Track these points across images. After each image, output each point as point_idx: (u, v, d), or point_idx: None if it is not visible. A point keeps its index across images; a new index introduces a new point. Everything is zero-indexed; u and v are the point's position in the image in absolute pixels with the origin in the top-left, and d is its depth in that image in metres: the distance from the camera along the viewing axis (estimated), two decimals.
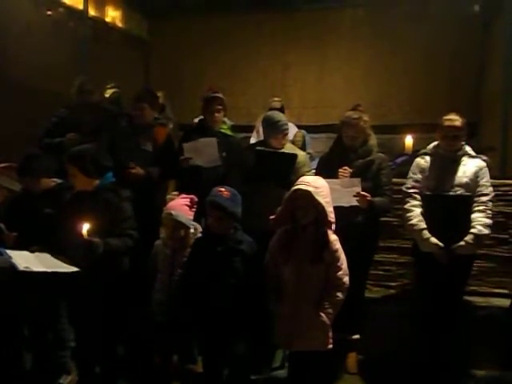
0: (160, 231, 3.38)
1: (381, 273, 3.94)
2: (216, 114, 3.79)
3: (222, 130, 3.94)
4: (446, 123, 3.19)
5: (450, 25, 6.52)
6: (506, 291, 3.67)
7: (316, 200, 2.53)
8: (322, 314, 2.61)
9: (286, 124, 3.55)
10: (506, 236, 3.71)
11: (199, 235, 3.07)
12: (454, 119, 3.19)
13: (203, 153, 3.61)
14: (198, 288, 2.68)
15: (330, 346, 2.69)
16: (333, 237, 2.66)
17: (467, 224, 3.07)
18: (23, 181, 3.26)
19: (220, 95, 3.87)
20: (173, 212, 2.94)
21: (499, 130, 5.36)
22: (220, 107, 3.80)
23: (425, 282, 3.29)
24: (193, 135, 3.76)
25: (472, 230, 3.06)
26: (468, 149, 3.24)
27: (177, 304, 2.84)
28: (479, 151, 3.40)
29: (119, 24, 7.27)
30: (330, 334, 2.68)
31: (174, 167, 3.74)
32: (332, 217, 2.62)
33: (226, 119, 4.12)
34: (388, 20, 6.86)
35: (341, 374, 3.42)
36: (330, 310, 2.62)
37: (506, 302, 3.36)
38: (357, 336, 3.50)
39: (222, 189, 2.75)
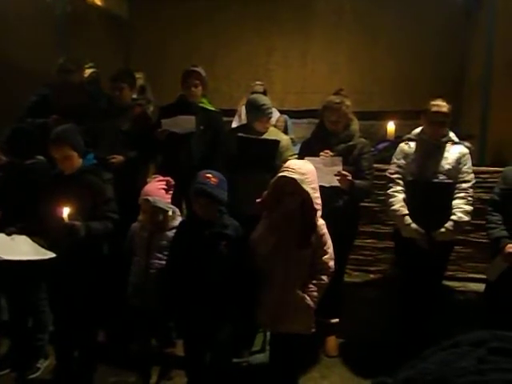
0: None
1: (361, 257, 3.97)
2: (193, 89, 3.72)
3: (202, 105, 3.85)
4: (434, 109, 3.12)
5: (432, 13, 6.52)
6: (482, 276, 3.74)
7: (301, 187, 2.49)
8: (307, 298, 2.61)
9: (270, 108, 3.54)
10: (484, 222, 3.77)
11: (180, 218, 3.03)
12: (442, 105, 3.12)
13: (180, 126, 3.59)
14: (183, 272, 2.64)
15: (313, 330, 2.71)
16: (320, 221, 2.64)
17: (448, 211, 3.10)
18: (11, 156, 3.18)
19: (197, 69, 3.79)
20: (150, 198, 2.87)
21: (479, 118, 5.41)
22: (197, 81, 3.73)
23: (405, 267, 3.34)
24: (172, 110, 3.69)
25: (452, 217, 3.09)
26: (452, 135, 3.22)
27: (158, 288, 2.80)
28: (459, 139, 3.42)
29: (98, 2, 7.05)
30: (314, 317, 2.69)
31: (153, 149, 3.68)
32: (318, 203, 2.59)
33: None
34: (371, 6, 6.83)
35: (320, 357, 3.47)
36: (314, 294, 2.62)
37: (482, 287, 3.43)
38: (336, 320, 3.54)
39: (209, 175, 2.61)
